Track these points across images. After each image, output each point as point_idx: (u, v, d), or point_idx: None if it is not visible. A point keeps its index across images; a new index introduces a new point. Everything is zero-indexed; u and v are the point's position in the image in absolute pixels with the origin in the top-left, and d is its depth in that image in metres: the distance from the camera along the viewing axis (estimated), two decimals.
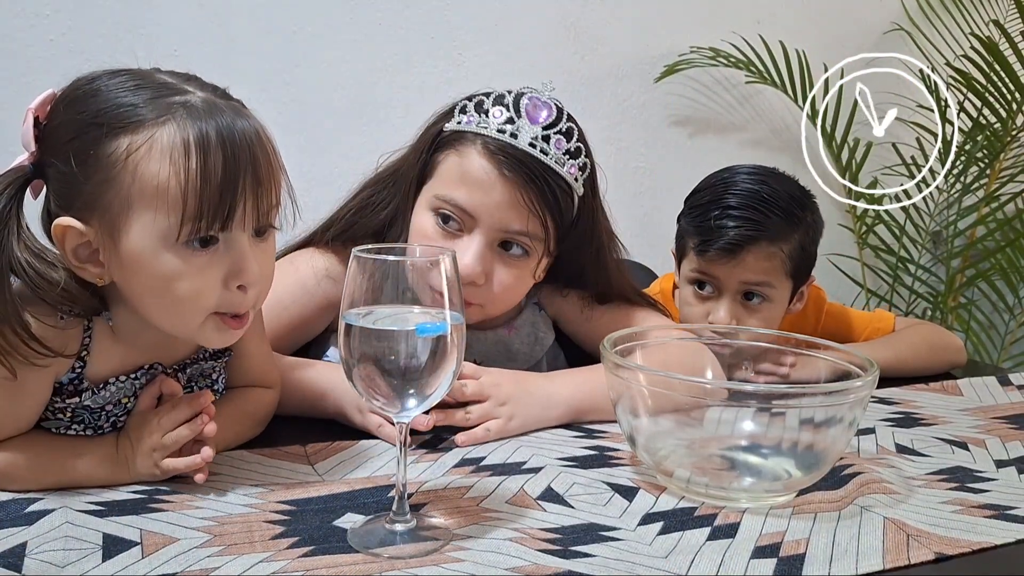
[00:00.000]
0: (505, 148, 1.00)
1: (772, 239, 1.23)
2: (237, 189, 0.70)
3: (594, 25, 2.18)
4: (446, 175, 1.03)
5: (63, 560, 0.63)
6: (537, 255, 1.05)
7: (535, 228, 1.01)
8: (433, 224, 1.03)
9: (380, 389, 0.67)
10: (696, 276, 1.28)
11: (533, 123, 1.01)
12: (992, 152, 2.38)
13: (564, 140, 1.03)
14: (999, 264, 2.44)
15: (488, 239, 1.02)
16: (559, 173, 1.02)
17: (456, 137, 1.03)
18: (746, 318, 1.26)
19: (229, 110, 0.72)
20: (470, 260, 1.00)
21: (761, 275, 1.24)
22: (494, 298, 1.05)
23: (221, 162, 0.69)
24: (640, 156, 2.29)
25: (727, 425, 0.83)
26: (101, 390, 0.77)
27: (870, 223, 2.48)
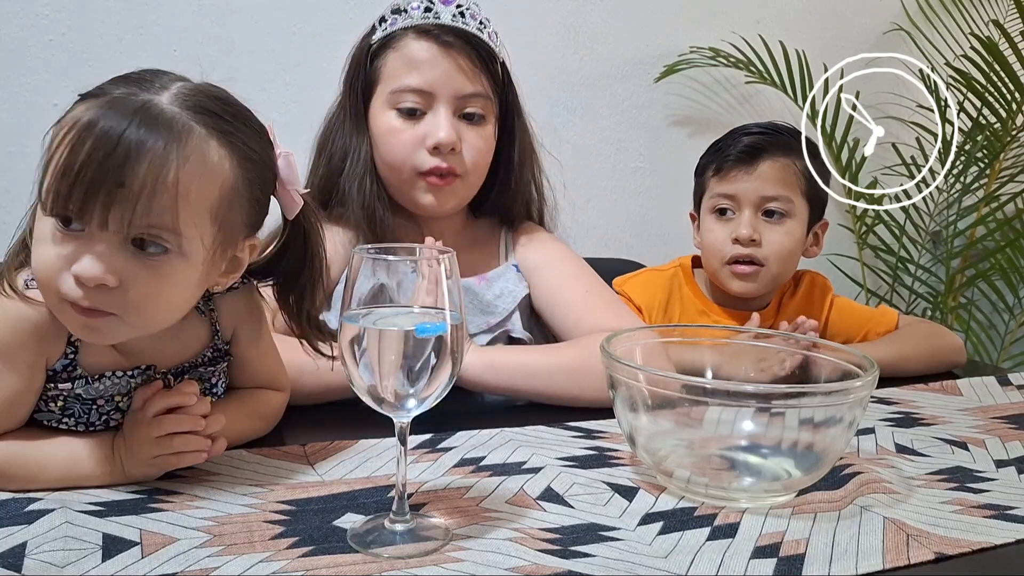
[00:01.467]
0: (435, 26, 1.14)
1: (786, 150, 1.32)
2: (91, 181, 0.67)
3: (594, 25, 2.18)
4: (392, 71, 1.15)
5: (63, 560, 0.63)
6: (491, 118, 1.18)
7: (485, 87, 1.16)
8: (396, 119, 1.15)
9: (380, 389, 0.67)
10: (716, 202, 1.36)
11: (447, 4, 1.15)
12: (992, 152, 2.38)
13: (477, 11, 1.18)
14: (999, 264, 2.44)
15: (451, 109, 1.14)
16: (482, 38, 1.16)
17: (387, 40, 1.16)
18: (768, 232, 1.33)
19: (151, 119, 0.69)
20: (445, 128, 1.12)
21: (779, 187, 1.32)
22: (473, 164, 1.17)
23: (87, 152, 0.67)
24: (640, 156, 2.29)
25: (727, 425, 0.83)
26: (95, 381, 0.77)
27: (870, 223, 2.48)
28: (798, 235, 1.35)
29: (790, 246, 1.34)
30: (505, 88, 1.21)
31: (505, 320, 1.21)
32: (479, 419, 0.99)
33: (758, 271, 1.34)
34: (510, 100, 1.22)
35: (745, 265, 1.33)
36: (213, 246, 0.74)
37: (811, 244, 1.40)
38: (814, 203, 1.36)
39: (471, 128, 1.16)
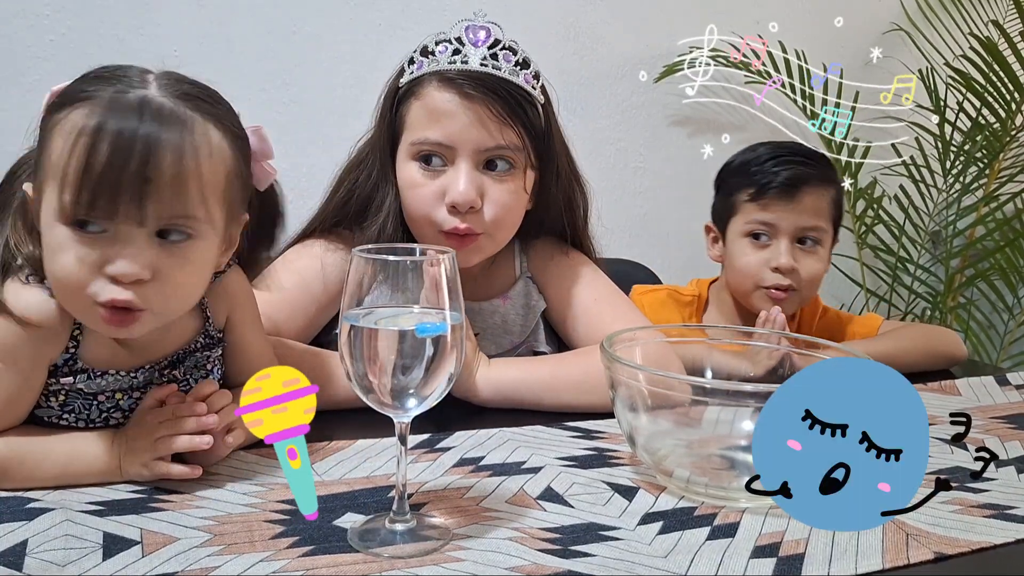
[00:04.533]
0: (460, 74, 1.05)
1: (823, 181, 1.34)
2: (117, 181, 0.69)
3: (594, 25, 2.18)
4: (415, 121, 1.08)
5: (63, 559, 0.63)
6: (522, 167, 1.09)
7: (511, 138, 1.06)
8: (418, 170, 1.08)
9: (380, 389, 0.67)
10: (752, 227, 1.36)
11: (478, 46, 1.06)
12: (991, 152, 2.38)
13: (511, 54, 1.08)
14: (998, 264, 2.44)
15: (472, 163, 1.06)
16: (515, 83, 1.07)
17: (413, 86, 1.08)
18: (803, 261, 1.35)
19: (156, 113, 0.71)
20: (463, 186, 1.04)
21: (815, 218, 1.34)
22: (496, 220, 1.08)
23: (107, 153, 0.68)
24: (640, 156, 2.29)
25: (726, 425, 0.83)
26: (97, 377, 0.78)
27: (869, 223, 2.48)
28: (827, 259, 1.38)
29: (822, 271, 1.37)
30: (547, 130, 1.12)
31: (530, 337, 1.21)
32: (478, 419, 0.99)
33: (791, 296, 1.36)
34: (551, 144, 1.13)
35: (781, 291, 1.35)
36: (224, 225, 0.78)
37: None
38: (837, 228, 1.40)
39: (496, 182, 1.07)
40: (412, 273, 0.67)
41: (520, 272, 1.25)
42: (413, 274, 0.67)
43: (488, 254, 1.14)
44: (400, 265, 0.66)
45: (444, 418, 0.94)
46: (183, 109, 0.73)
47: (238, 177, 0.78)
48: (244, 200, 0.82)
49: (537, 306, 1.23)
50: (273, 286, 1.09)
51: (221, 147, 0.76)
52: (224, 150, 0.76)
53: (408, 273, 0.67)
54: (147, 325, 0.74)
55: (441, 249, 0.69)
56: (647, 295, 1.43)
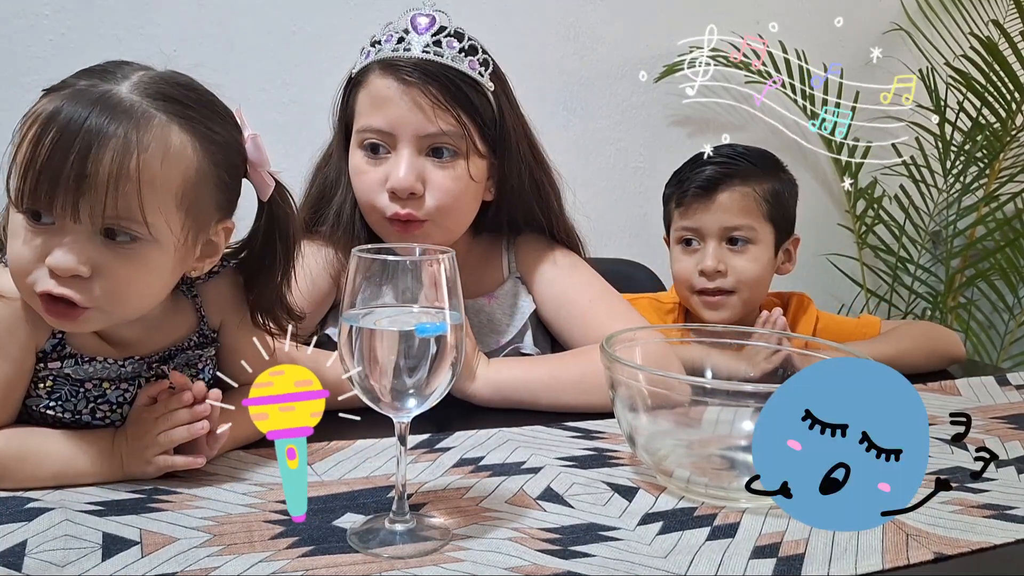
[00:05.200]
0: (399, 60, 1.06)
1: (744, 178, 1.32)
2: (56, 174, 0.68)
3: (594, 25, 2.18)
4: (361, 109, 1.10)
5: (63, 559, 0.63)
6: (463, 154, 1.09)
7: (449, 124, 1.06)
8: (363, 158, 1.10)
9: (380, 389, 0.67)
10: (681, 234, 1.37)
11: (420, 33, 1.07)
12: (992, 152, 2.38)
13: (455, 41, 1.08)
14: (998, 264, 2.44)
15: (412, 148, 1.07)
16: (459, 69, 1.07)
17: (360, 75, 1.10)
18: (732, 261, 1.33)
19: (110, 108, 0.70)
20: (402, 172, 1.05)
21: (739, 216, 1.32)
22: (440, 207, 1.08)
23: (50, 144, 0.68)
24: (640, 156, 2.29)
25: (726, 425, 0.83)
26: (85, 363, 0.78)
27: (870, 223, 2.48)
28: (765, 259, 1.35)
29: (757, 271, 1.34)
30: (499, 116, 1.12)
31: (516, 337, 1.21)
32: (477, 419, 0.99)
33: (727, 299, 1.34)
34: (506, 127, 1.13)
35: (713, 296, 1.34)
36: (183, 231, 0.75)
37: (783, 262, 1.40)
38: (779, 224, 1.36)
39: (438, 168, 1.08)
40: (412, 273, 0.67)
41: (509, 272, 1.25)
42: (413, 274, 0.67)
43: (439, 241, 1.11)
44: (400, 265, 0.66)
45: (444, 418, 0.94)
46: (145, 107, 0.71)
47: (206, 183, 0.76)
48: (222, 207, 0.80)
49: (525, 307, 1.22)
50: None
51: (181, 150, 0.73)
52: (185, 154, 0.74)
53: (408, 273, 0.66)
54: (93, 323, 0.74)
55: (441, 249, 0.69)
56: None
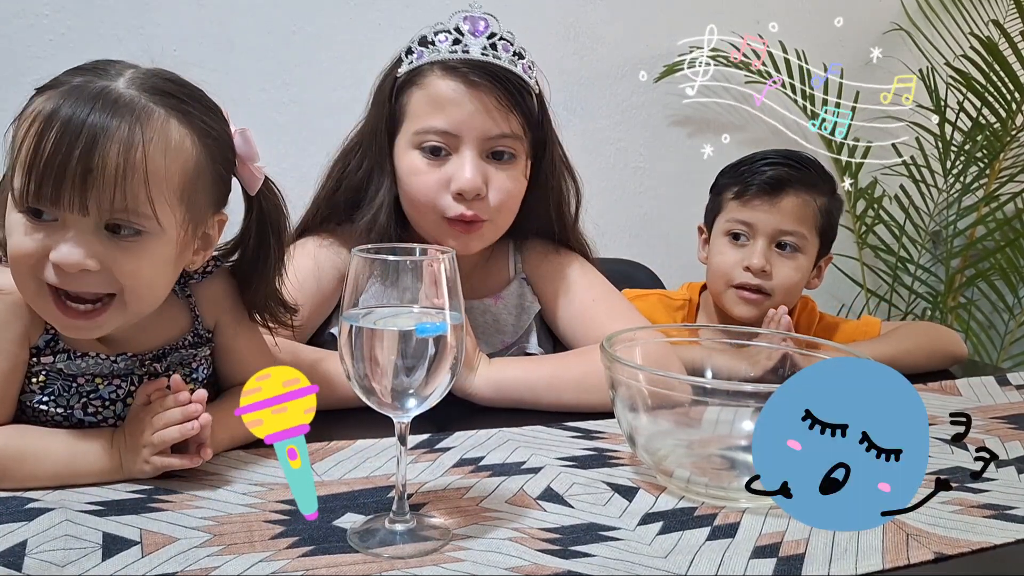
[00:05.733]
0: (463, 63, 1.06)
1: (808, 187, 1.33)
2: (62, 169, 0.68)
3: (594, 25, 2.18)
4: (417, 110, 1.08)
5: (63, 559, 0.63)
6: (522, 156, 1.11)
7: (514, 127, 1.08)
8: (421, 159, 1.08)
9: (380, 389, 0.67)
10: (732, 226, 1.36)
11: (477, 36, 1.07)
12: (992, 152, 2.38)
13: (509, 44, 1.09)
14: (999, 264, 2.44)
15: (477, 151, 1.07)
16: (514, 72, 1.08)
17: (413, 75, 1.08)
18: (778, 265, 1.34)
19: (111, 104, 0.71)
20: (469, 173, 1.05)
21: (795, 223, 1.33)
22: (499, 207, 1.09)
23: (53, 141, 0.68)
24: (640, 156, 2.29)
25: (726, 425, 0.83)
26: (77, 358, 0.78)
27: (870, 223, 2.48)
28: (806, 269, 1.36)
29: (798, 279, 1.35)
30: (541, 121, 1.14)
31: (522, 338, 1.21)
32: (478, 419, 0.99)
33: (763, 299, 1.34)
34: (545, 133, 1.15)
35: (752, 292, 1.34)
36: (184, 224, 0.77)
37: (814, 276, 1.41)
38: (825, 239, 1.38)
39: (499, 169, 1.08)
40: (412, 273, 0.67)
41: (514, 273, 1.25)
42: (413, 274, 0.67)
43: (490, 241, 1.15)
44: (400, 265, 0.66)
45: (444, 418, 0.94)
46: (144, 102, 0.72)
47: (204, 176, 0.77)
48: (217, 200, 0.81)
49: (531, 308, 1.22)
50: None
51: (181, 143, 0.74)
52: (185, 147, 0.75)
53: (408, 273, 0.66)
54: (113, 322, 0.75)
55: (441, 249, 0.69)
56: (637, 300, 1.43)
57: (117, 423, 0.81)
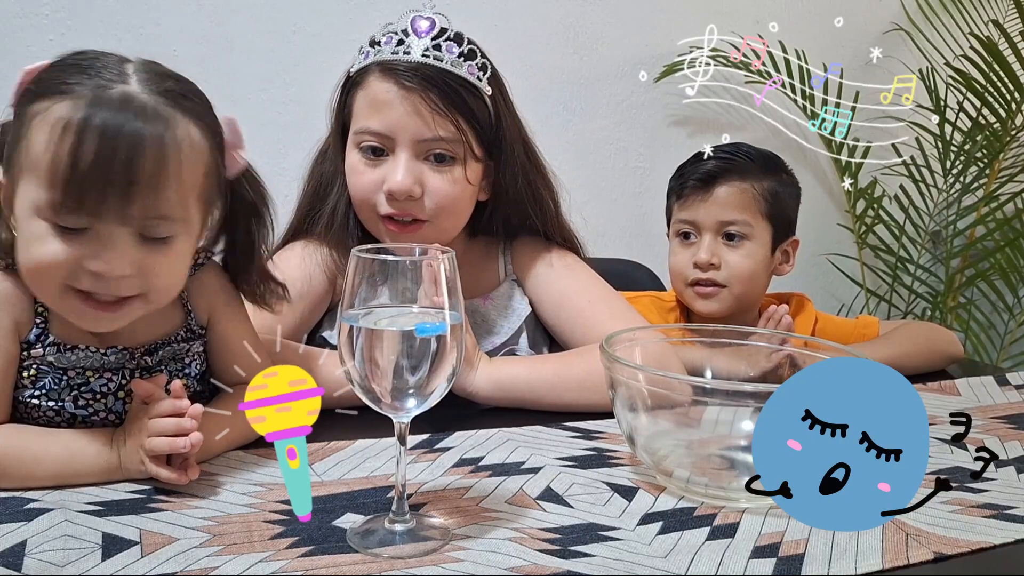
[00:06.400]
0: (398, 64, 1.06)
1: (743, 175, 1.34)
2: (104, 181, 0.69)
3: (593, 25, 2.18)
4: (359, 111, 1.10)
5: (63, 559, 0.63)
6: (461, 159, 1.09)
7: (448, 130, 1.07)
8: (360, 159, 1.10)
9: (380, 389, 0.67)
10: (679, 227, 1.40)
11: (420, 36, 1.07)
12: (991, 152, 2.38)
13: (455, 45, 1.08)
14: (998, 264, 2.44)
15: (410, 153, 1.07)
16: (457, 74, 1.07)
17: (359, 76, 1.10)
18: (726, 255, 1.35)
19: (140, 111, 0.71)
20: (400, 175, 1.06)
21: (735, 211, 1.34)
22: (437, 208, 1.09)
23: (93, 151, 0.68)
24: (640, 156, 2.29)
25: (726, 425, 0.83)
26: (67, 350, 0.79)
27: (870, 223, 2.48)
28: (759, 256, 1.36)
29: (751, 267, 1.35)
30: (496, 120, 1.12)
31: (511, 339, 1.21)
32: (476, 419, 0.99)
33: (719, 291, 1.35)
34: (502, 132, 1.13)
35: (706, 286, 1.36)
36: (201, 219, 0.79)
37: (780, 262, 1.41)
38: (777, 223, 1.37)
39: (436, 171, 1.08)
40: (412, 273, 0.67)
41: (505, 275, 1.25)
42: (413, 274, 0.67)
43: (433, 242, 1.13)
44: (400, 265, 0.66)
45: (444, 418, 0.94)
46: (165, 108, 0.73)
47: (215, 172, 0.80)
48: (219, 193, 0.83)
49: (520, 309, 1.22)
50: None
51: (201, 145, 0.76)
52: (204, 148, 0.77)
53: (408, 273, 0.66)
54: (133, 313, 0.76)
55: (441, 248, 0.69)
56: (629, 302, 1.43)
57: (108, 416, 0.81)
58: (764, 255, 1.36)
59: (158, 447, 0.74)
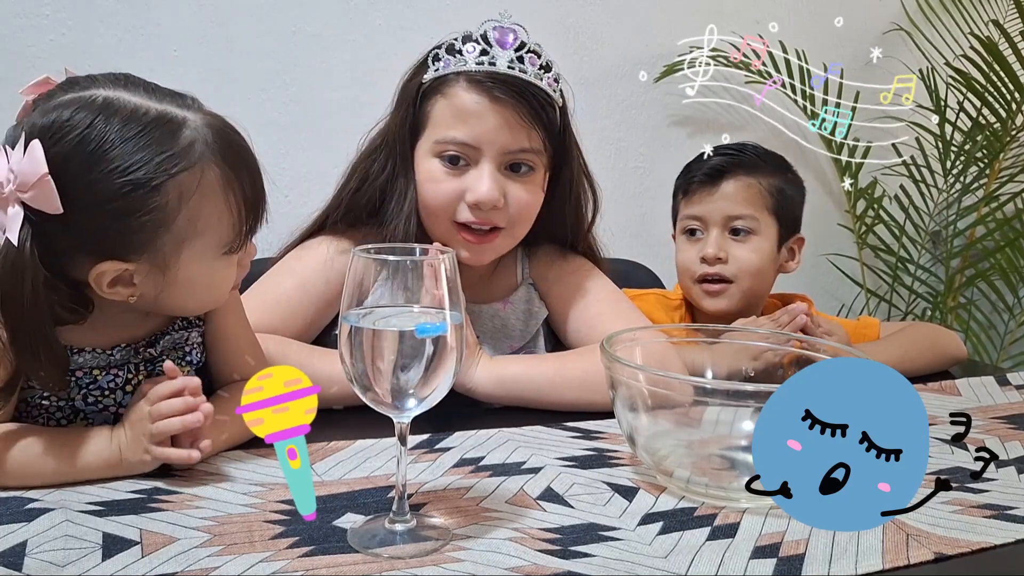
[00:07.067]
0: (489, 76, 1.06)
1: (747, 169, 1.36)
2: (261, 207, 0.81)
3: (593, 25, 2.18)
4: (440, 119, 1.09)
5: (63, 559, 0.63)
6: (541, 169, 1.12)
7: (534, 142, 1.09)
8: (440, 168, 1.09)
9: (380, 389, 0.67)
10: (686, 224, 1.40)
11: (505, 48, 1.08)
12: (992, 152, 2.38)
13: (536, 57, 1.10)
14: (998, 264, 2.44)
15: (496, 164, 1.08)
16: (539, 86, 1.09)
17: (438, 83, 1.09)
18: (733, 250, 1.36)
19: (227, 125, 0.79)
20: (487, 186, 1.07)
21: (742, 206, 1.35)
22: (516, 218, 1.11)
23: (250, 182, 0.79)
24: (640, 156, 2.29)
25: (726, 425, 0.83)
26: (74, 354, 0.79)
27: (870, 223, 2.48)
28: (766, 251, 1.37)
29: (758, 262, 1.36)
30: (563, 133, 1.14)
31: (529, 343, 1.21)
32: (477, 419, 0.99)
33: (727, 288, 1.36)
34: (566, 145, 1.15)
35: (713, 283, 1.36)
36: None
37: (786, 259, 1.41)
38: (783, 219, 1.38)
39: (517, 181, 1.10)
40: (412, 273, 0.67)
41: (522, 279, 1.25)
42: (413, 274, 0.67)
43: (502, 251, 1.15)
44: (400, 265, 0.66)
45: (444, 418, 0.94)
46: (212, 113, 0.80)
47: None
48: None
49: (539, 313, 1.22)
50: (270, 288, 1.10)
51: None
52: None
53: (408, 273, 0.66)
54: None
55: (441, 248, 0.69)
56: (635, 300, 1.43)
57: (119, 411, 0.82)
58: (770, 251, 1.37)
59: (168, 428, 0.75)
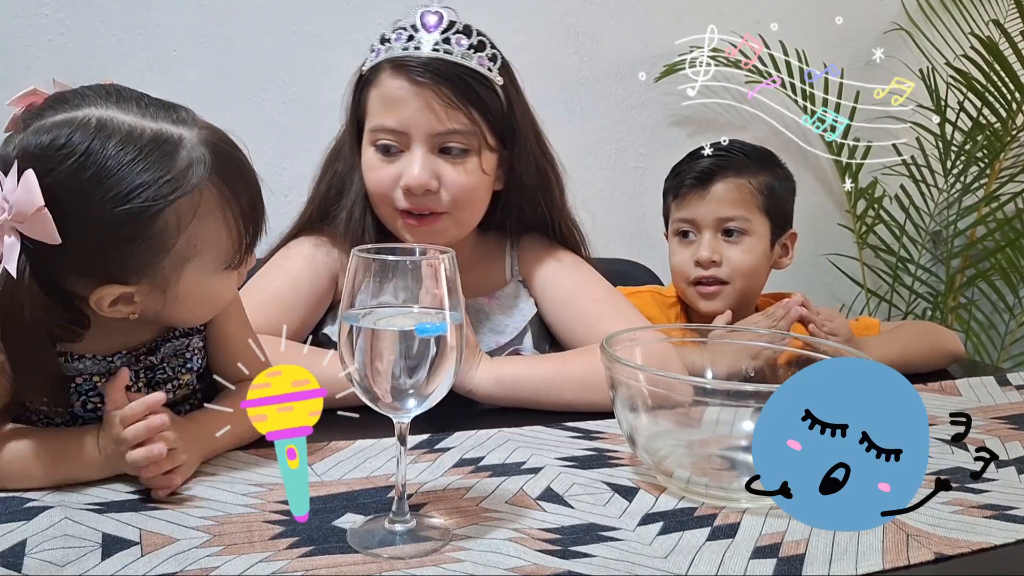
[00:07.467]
0: (409, 60, 1.07)
1: (738, 171, 1.35)
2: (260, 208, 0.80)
3: (593, 25, 2.18)
4: (372, 108, 1.11)
5: (62, 559, 0.63)
6: (476, 150, 1.10)
7: (461, 123, 1.08)
8: (375, 156, 1.11)
9: (380, 389, 0.67)
10: (678, 226, 1.40)
11: (430, 31, 1.08)
12: (992, 152, 2.38)
13: (464, 37, 1.09)
14: (999, 264, 2.44)
15: (425, 147, 1.08)
16: (468, 66, 1.08)
17: (371, 73, 1.11)
18: (727, 251, 1.36)
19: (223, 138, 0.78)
20: (416, 170, 1.07)
21: (733, 207, 1.35)
22: (457, 201, 1.11)
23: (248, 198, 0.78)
24: (640, 156, 2.29)
25: (726, 425, 0.83)
26: (75, 361, 0.79)
27: (870, 223, 2.48)
28: (759, 251, 1.37)
29: (752, 262, 1.36)
30: (508, 109, 1.13)
31: (516, 339, 1.21)
32: (477, 419, 0.99)
33: (722, 289, 1.36)
34: (515, 121, 1.14)
35: (709, 285, 1.36)
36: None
37: (780, 256, 1.42)
38: (775, 217, 1.38)
39: (451, 164, 1.09)
40: (412, 273, 0.67)
41: (511, 275, 1.25)
42: (413, 274, 0.67)
43: (453, 235, 1.15)
44: (400, 265, 0.66)
45: (444, 418, 0.94)
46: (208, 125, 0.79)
47: None
48: None
49: (525, 309, 1.22)
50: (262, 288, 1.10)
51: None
52: None
53: (408, 273, 0.66)
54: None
55: (441, 248, 0.69)
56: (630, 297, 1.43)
57: None
58: (764, 249, 1.37)
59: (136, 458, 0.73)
